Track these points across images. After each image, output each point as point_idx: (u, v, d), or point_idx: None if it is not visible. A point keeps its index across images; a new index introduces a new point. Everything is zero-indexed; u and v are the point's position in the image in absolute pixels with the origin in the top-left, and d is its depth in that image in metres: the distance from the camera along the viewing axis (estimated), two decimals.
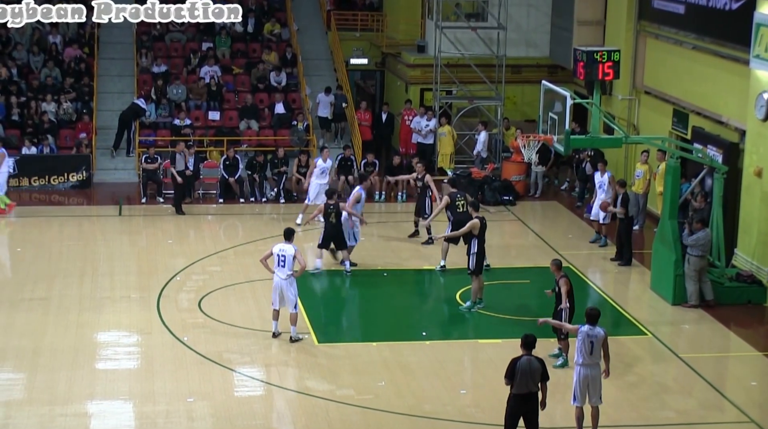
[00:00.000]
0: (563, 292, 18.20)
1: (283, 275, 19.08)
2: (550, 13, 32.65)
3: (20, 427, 16.01)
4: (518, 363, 14.74)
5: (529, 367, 14.73)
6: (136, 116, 31.07)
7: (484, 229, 21.04)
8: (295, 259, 18.95)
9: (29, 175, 29.43)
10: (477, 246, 20.87)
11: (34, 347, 18.76)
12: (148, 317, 20.39)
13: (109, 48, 34.34)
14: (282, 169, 29.11)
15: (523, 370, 14.70)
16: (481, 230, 20.92)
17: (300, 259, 19.09)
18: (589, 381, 15.68)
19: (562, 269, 18.59)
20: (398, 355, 19.08)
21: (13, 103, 31.24)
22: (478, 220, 21.02)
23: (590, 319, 15.72)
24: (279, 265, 19.09)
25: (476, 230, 20.87)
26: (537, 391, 14.88)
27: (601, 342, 15.66)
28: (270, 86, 33.35)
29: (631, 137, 24.52)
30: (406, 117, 32.61)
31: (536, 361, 14.84)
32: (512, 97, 33.12)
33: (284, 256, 19.01)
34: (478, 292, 21.01)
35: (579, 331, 15.71)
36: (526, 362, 14.74)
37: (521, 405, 14.87)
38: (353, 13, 36.79)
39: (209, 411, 16.67)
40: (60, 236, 25.51)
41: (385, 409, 16.79)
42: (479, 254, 20.86)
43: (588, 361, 15.64)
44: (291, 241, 19.22)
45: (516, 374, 14.71)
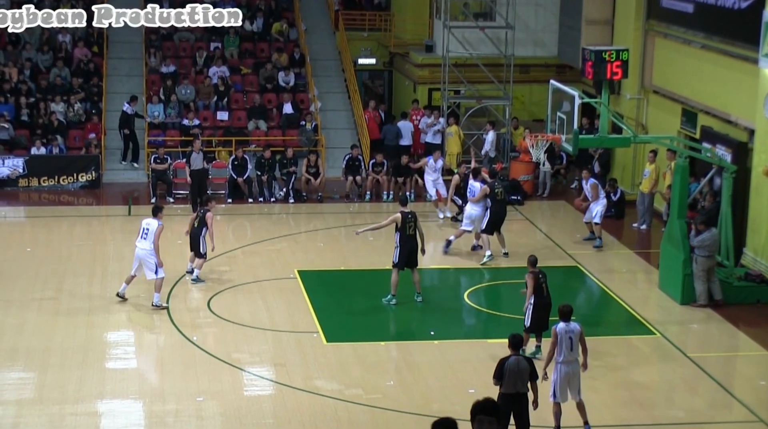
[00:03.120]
0: (528, 289, 18.32)
1: (144, 246, 20.57)
2: (558, 12, 32.63)
3: (31, 426, 16.06)
4: (506, 363, 14.74)
5: (518, 366, 14.73)
6: (126, 123, 30.89)
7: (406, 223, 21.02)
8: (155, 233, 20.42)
9: (38, 176, 29.51)
10: (399, 240, 21.00)
11: (45, 347, 18.82)
12: (158, 317, 20.43)
13: (118, 47, 34.41)
14: (291, 169, 29.14)
15: (511, 370, 14.71)
16: (403, 224, 20.95)
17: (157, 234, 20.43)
18: (570, 377, 15.72)
19: (533, 266, 18.59)
20: (406, 354, 19.10)
21: (23, 104, 31.33)
22: (401, 215, 21.03)
23: (564, 315, 15.78)
24: (141, 237, 20.69)
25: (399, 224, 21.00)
26: (526, 391, 14.90)
27: (579, 337, 15.75)
28: (278, 86, 33.39)
29: (640, 137, 24.50)
30: (413, 117, 32.62)
31: (524, 360, 14.87)
32: (520, 97, 33.14)
33: (147, 229, 20.66)
34: (394, 286, 21.10)
35: (556, 330, 15.71)
36: (514, 362, 14.75)
37: (510, 405, 14.88)
38: (361, 13, 36.82)
39: (218, 410, 16.70)
40: (69, 236, 25.59)
41: (394, 408, 16.80)
42: (401, 248, 20.98)
43: (569, 358, 15.68)
44: (157, 217, 20.81)
45: (504, 374, 14.72)
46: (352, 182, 29.17)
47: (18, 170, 29.36)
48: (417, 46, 34.55)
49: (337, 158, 30.79)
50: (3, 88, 31.75)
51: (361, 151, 30.13)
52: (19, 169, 29.38)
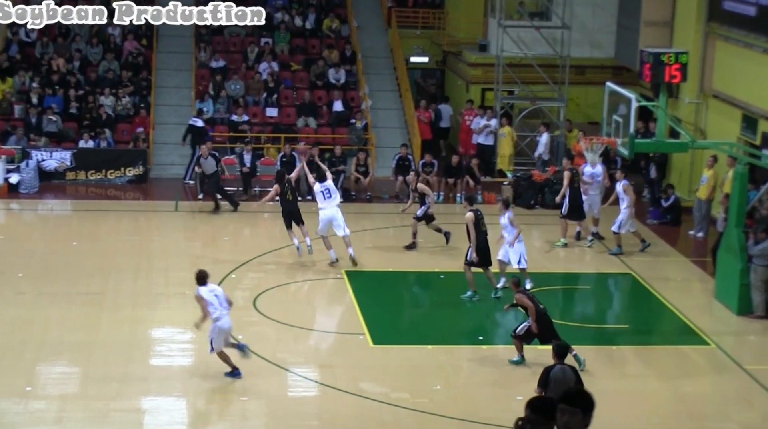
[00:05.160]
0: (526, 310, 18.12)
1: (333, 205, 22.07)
2: (616, 13, 32.17)
3: (74, 421, 15.93)
4: (551, 372, 14.41)
5: (563, 376, 14.36)
6: (197, 137, 29.80)
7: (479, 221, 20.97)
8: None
9: (86, 169, 29.42)
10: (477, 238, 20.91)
11: (89, 342, 18.67)
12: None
13: (167, 41, 34.31)
14: (340, 168, 28.86)
15: (557, 379, 14.33)
16: (476, 222, 20.84)
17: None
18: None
19: (518, 286, 18.59)
20: (454, 358, 18.81)
21: (72, 96, 31.30)
22: (473, 214, 20.92)
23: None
24: (326, 199, 21.99)
25: (472, 223, 20.86)
26: None
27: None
28: (328, 83, 33.13)
29: (698, 142, 24.02)
30: (466, 117, 32.26)
31: (570, 370, 14.53)
32: (575, 99, 32.67)
33: (329, 190, 22.11)
34: (472, 282, 21.03)
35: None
36: (559, 371, 14.42)
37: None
38: (414, 11, 36.52)
39: (262, 410, 16.52)
40: (116, 231, 25.48)
41: (440, 414, 16.49)
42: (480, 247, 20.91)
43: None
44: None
45: (549, 383, 14.35)
46: (401, 182, 28.83)
47: (66, 163, 29.31)
48: (470, 45, 34.19)
49: (386, 158, 30.49)
50: (52, 80, 31.74)
51: (410, 151, 29.80)
52: (67, 162, 29.32)
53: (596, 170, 25.24)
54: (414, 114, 32.21)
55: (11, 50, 32.72)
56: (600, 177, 25.31)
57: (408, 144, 30.66)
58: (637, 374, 18.51)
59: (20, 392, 16.67)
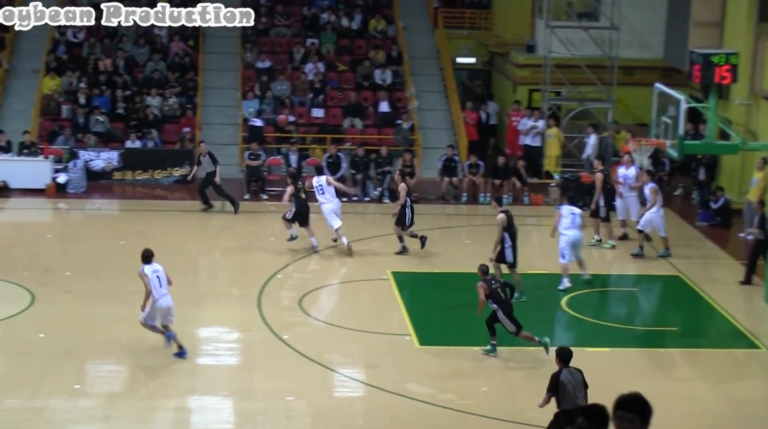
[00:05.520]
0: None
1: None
2: (665, 13, 31.92)
3: (120, 420, 15.95)
4: (560, 377, 14.20)
5: (573, 378, 14.19)
6: (258, 137, 29.97)
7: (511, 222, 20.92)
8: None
9: (133, 169, 29.56)
10: (509, 239, 20.83)
11: (136, 340, 18.69)
12: (249, 314, 20.21)
13: (214, 42, 34.42)
14: (386, 169, 28.80)
15: (568, 383, 14.14)
16: (508, 224, 20.77)
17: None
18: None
19: (485, 274, 18.40)
20: (501, 360, 18.63)
21: (119, 97, 31.46)
22: (504, 215, 20.87)
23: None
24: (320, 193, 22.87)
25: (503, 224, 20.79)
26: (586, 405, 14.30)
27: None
28: (375, 84, 33.07)
29: (748, 144, 23.71)
30: (513, 118, 32.09)
31: (576, 370, 14.31)
32: (624, 100, 32.38)
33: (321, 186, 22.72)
34: (519, 283, 20.90)
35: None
36: (567, 374, 14.21)
37: (569, 422, 14.30)
38: (461, 11, 36.38)
39: (308, 410, 16.45)
40: (163, 230, 25.54)
41: (487, 415, 16.35)
42: (513, 247, 20.83)
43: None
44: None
45: (560, 388, 14.15)
46: (448, 183, 28.72)
47: (113, 163, 29.47)
48: (518, 46, 34.02)
49: (432, 159, 30.39)
50: (99, 81, 31.92)
51: (457, 152, 29.68)
52: (114, 162, 29.48)
53: (629, 172, 24.89)
54: (460, 115, 32.09)
55: (59, 50, 32.95)
56: (631, 179, 24.90)
57: (454, 145, 30.55)
58: (686, 377, 18.30)
59: (69, 390, 16.75)
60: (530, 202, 28.50)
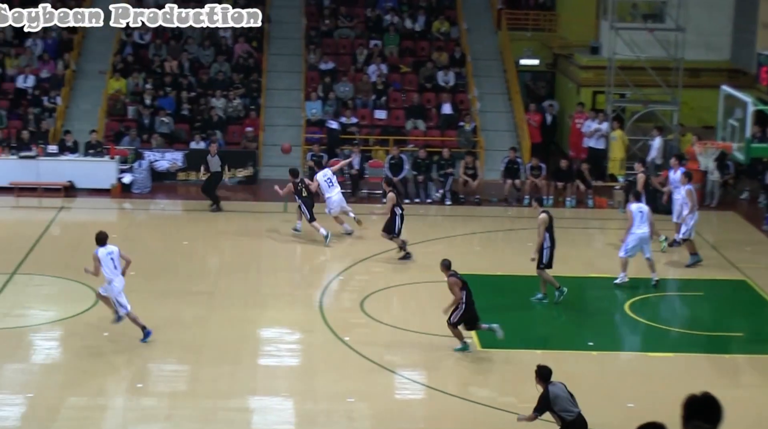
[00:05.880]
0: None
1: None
2: (733, 14, 31.50)
3: (182, 419, 16.03)
4: (550, 393, 14.04)
5: (560, 388, 14.11)
6: (335, 141, 30.04)
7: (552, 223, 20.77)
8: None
9: (197, 170, 29.72)
10: (549, 240, 20.66)
11: (199, 341, 18.82)
12: (311, 316, 20.24)
13: (277, 43, 34.57)
14: (448, 171, 28.73)
15: (560, 393, 14.06)
16: (549, 225, 20.63)
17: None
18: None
19: (449, 269, 18.42)
20: (563, 364, 18.39)
21: (183, 98, 31.70)
22: (546, 215, 20.69)
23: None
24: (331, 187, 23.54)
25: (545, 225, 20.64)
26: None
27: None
28: (437, 86, 33.02)
29: None
30: (577, 120, 31.86)
31: (558, 382, 14.24)
32: (689, 102, 32.00)
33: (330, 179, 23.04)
34: (553, 281, 20.77)
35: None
36: (555, 388, 14.10)
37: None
38: (525, 13, 36.21)
39: (369, 412, 16.42)
40: (226, 231, 25.68)
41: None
42: (552, 248, 20.66)
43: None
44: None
45: (556, 403, 14.02)
46: (510, 185, 28.59)
47: (177, 163, 29.70)
48: (582, 48, 33.78)
49: (495, 161, 30.27)
50: (164, 82, 32.19)
51: (519, 154, 29.53)
52: (179, 163, 29.70)
53: (675, 176, 24.50)
54: (523, 117, 31.92)
55: (125, 52, 33.29)
56: (677, 182, 24.48)
57: (517, 147, 30.40)
58: (751, 384, 18.03)
59: (132, 389, 16.89)
60: (594, 205, 28.27)
